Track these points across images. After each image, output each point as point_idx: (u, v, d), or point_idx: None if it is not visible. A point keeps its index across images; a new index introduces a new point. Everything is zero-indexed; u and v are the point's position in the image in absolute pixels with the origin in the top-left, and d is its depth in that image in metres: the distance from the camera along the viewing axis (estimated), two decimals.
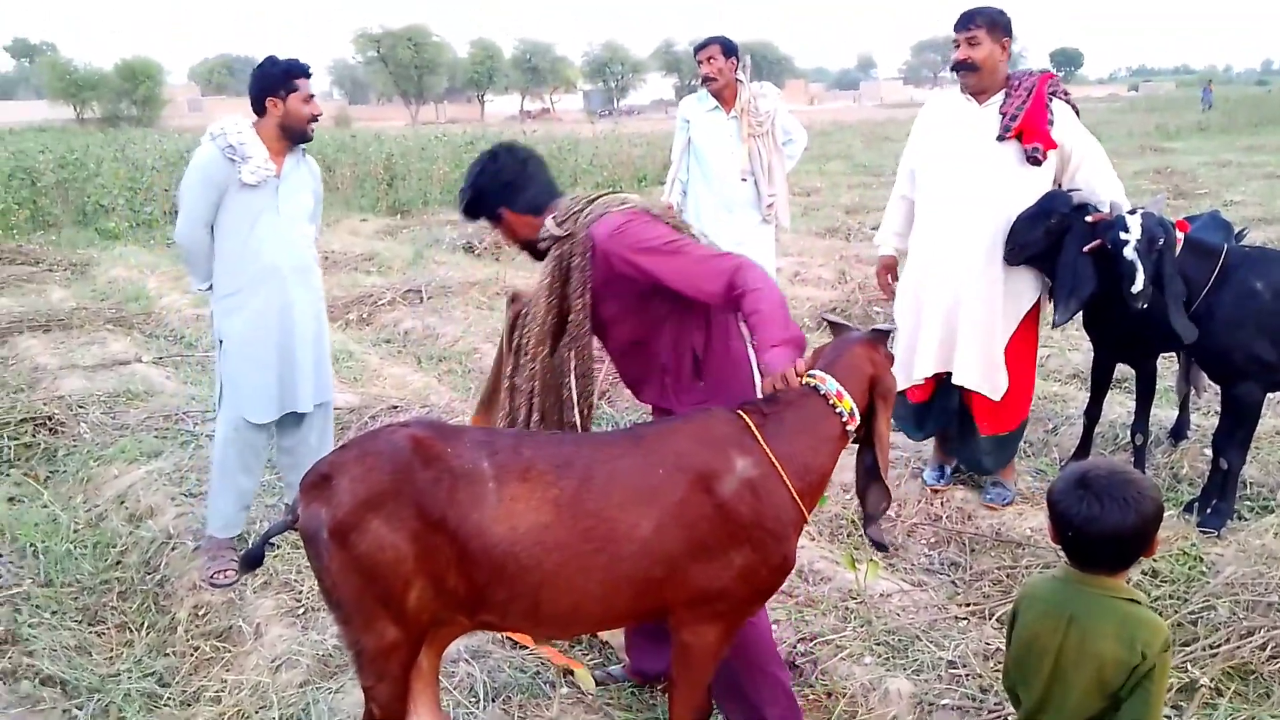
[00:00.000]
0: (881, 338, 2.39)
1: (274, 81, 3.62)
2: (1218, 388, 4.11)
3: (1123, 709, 1.80)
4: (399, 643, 2.06)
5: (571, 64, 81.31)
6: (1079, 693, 1.82)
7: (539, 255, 2.65)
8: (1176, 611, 3.22)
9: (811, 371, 2.31)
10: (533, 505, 2.03)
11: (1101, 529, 1.80)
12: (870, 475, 2.34)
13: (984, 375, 4.03)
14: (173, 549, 3.93)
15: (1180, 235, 3.80)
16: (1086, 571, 1.87)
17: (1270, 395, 4.25)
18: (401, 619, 2.04)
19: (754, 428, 2.19)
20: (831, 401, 2.25)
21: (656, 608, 2.17)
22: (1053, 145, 3.85)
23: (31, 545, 4.04)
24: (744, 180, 5.12)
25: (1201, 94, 36.84)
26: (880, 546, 2.41)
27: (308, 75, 3.68)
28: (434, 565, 2.02)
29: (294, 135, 3.68)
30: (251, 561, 2.27)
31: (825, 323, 2.56)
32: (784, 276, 8.86)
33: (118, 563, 3.96)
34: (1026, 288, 4.01)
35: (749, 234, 5.14)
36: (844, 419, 2.26)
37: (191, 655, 3.31)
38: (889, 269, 4.40)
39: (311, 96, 3.70)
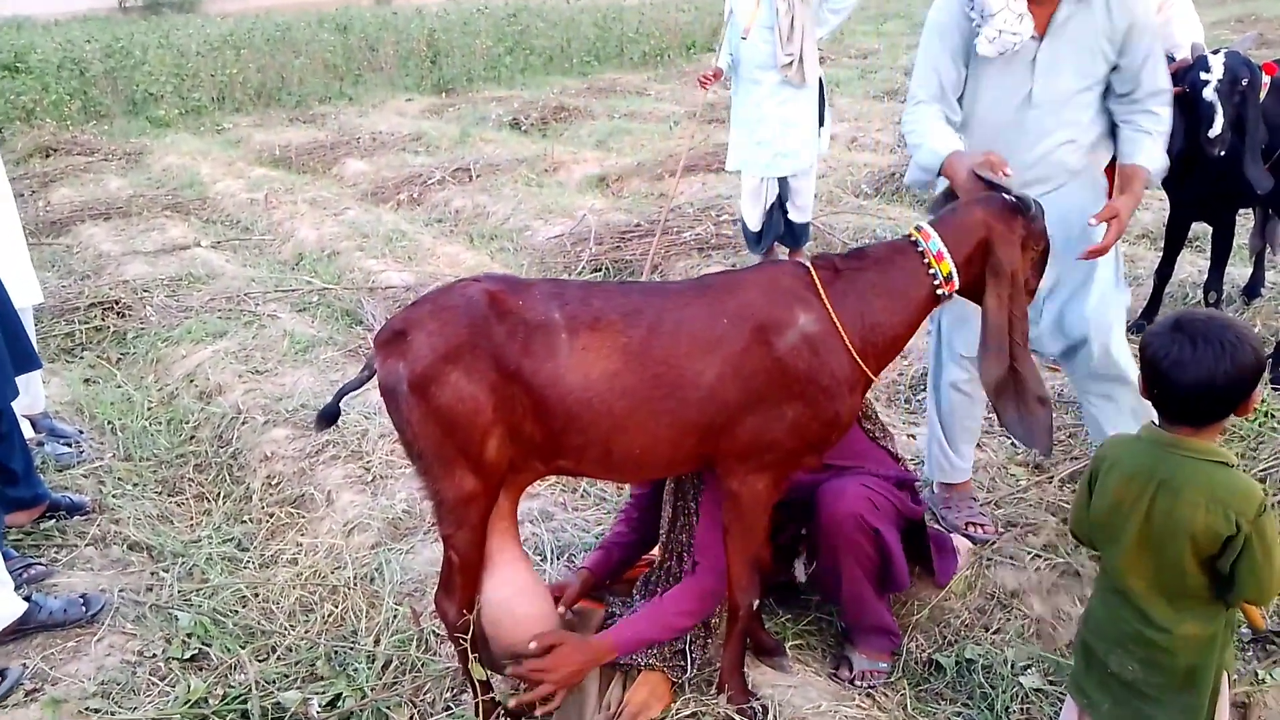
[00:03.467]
0: (1017, 207, 2.20)
1: None
2: None
3: (1233, 583, 1.71)
4: (477, 492, 2.12)
5: None
6: (1172, 560, 1.74)
7: None
8: (1247, 470, 3.16)
9: (917, 224, 2.23)
10: (603, 353, 2.05)
11: (1193, 376, 1.69)
12: (982, 349, 2.22)
13: None
14: (243, 423, 4.05)
15: (1267, 79, 3.58)
16: (1175, 428, 1.77)
17: None
18: (480, 468, 2.09)
19: (819, 283, 2.15)
20: (928, 260, 2.17)
21: (714, 453, 2.19)
22: None
23: (109, 423, 4.21)
24: (745, 39, 5.01)
25: None
26: (1033, 446, 2.31)
27: None
28: (511, 415, 2.06)
29: None
30: (328, 417, 2.33)
31: (977, 179, 2.34)
32: (839, 143, 8.59)
33: (191, 437, 4.10)
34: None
35: (769, 97, 5.05)
36: (936, 282, 2.18)
37: (267, 521, 3.46)
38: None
39: None
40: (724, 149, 5.57)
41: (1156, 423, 1.84)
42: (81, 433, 4.08)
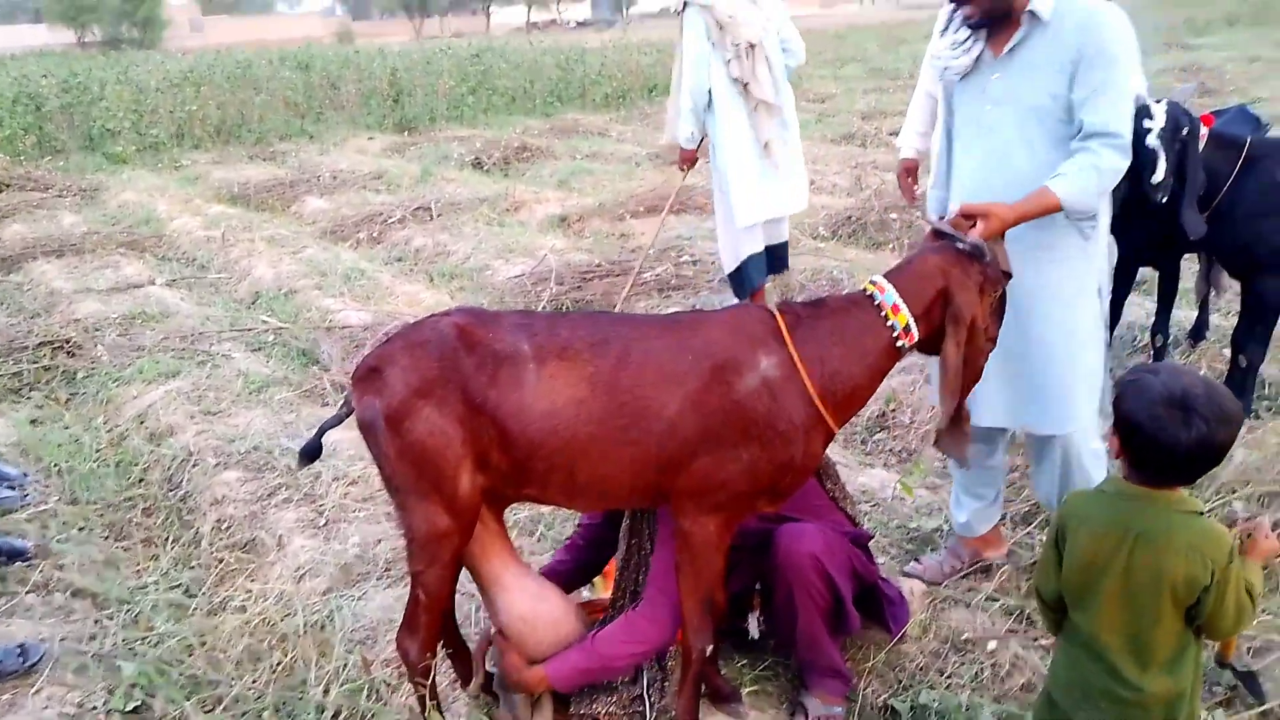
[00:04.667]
0: (972, 254, 2.23)
1: None
2: (1237, 287, 4.04)
3: (1207, 626, 1.76)
4: (450, 530, 2.16)
5: None
6: (1149, 613, 1.75)
7: None
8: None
9: (872, 278, 2.25)
10: (570, 382, 2.09)
11: (1212, 448, 1.71)
12: (941, 389, 2.25)
13: None
14: (194, 465, 3.98)
15: (1205, 129, 3.69)
16: (1155, 486, 1.78)
17: None
18: (453, 505, 2.13)
19: (785, 328, 2.17)
20: (885, 313, 2.20)
21: (669, 489, 2.20)
22: None
23: (56, 465, 4.11)
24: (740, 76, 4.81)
25: None
26: (956, 459, 2.38)
27: None
28: (479, 444, 2.11)
29: None
30: (310, 454, 2.34)
31: (933, 230, 2.38)
32: (804, 181, 8.69)
33: (140, 480, 4.02)
34: None
35: (780, 129, 4.87)
36: (895, 334, 2.20)
37: (216, 567, 3.39)
38: (910, 172, 4.17)
39: None
40: (686, 191, 5.52)
41: (1114, 474, 1.86)
42: (26, 475, 3.98)
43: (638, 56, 18.21)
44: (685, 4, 4.74)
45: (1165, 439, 1.71)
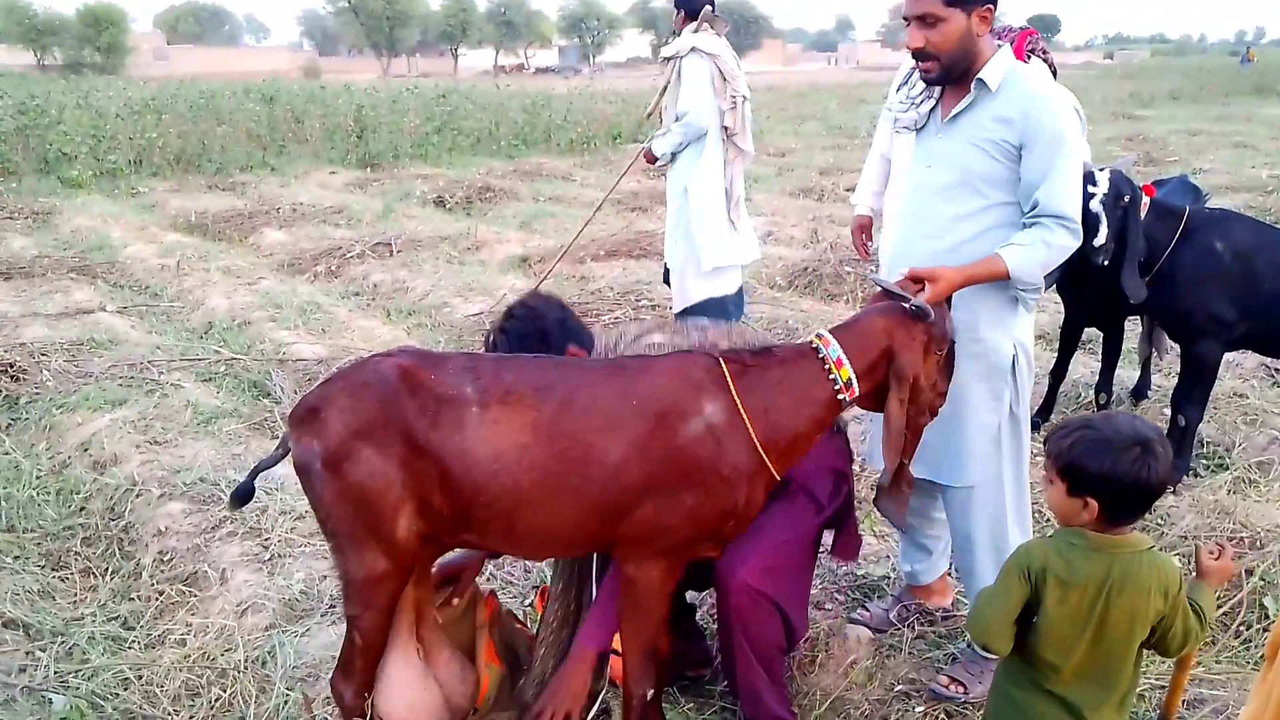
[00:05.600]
0: (917, 314, 2.26)
1: None
2: (1178, 349, 4.18)
3: (1157, 647, 1.89)
4: (388, 573, 2.12)
5: (547, 18, 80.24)
6: (1120, 654, 1.86)
7: None
8: None
9: (819, 332, 2.30)
10: (514, 427, 2.06)
11: (1159, 479, 1.81)
12: (884, 446, 2.29)
13: None
14: (137, 495, 3.90)
15: (1146, 199, 3.84)
16: (1118, 530, 1.86)
17: (1227, 357, 4.34)
18: (391, 549, 2.09)
19: (729, 375, 2.19)
20: (827, 367, 2.23)
21: (612, 536, 2.19)
22: None
23: None
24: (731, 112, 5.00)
25: (1240, 61, 39.35)
26: (894, 523, 2.40)
27: None
28: (420, 488, 2.07)
29: None
30: (242, 496, 2.29)
31: (878, 288, 2.43)
32: (755, 235, 8.85)
33: (81, 509, 3.93)
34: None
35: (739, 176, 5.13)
36: (837, 387, 2.23)
37: (156, 600, 3.31)
38: (864, 229, 4.25)
39: None
40: (647, 236, 5.58)
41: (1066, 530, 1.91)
42: None
43: (603, 105, 18.47)
44: (692, 49, 4.92)
45: (1143, 479, 1.80)
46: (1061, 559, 1.86)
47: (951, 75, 2.54)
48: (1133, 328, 4.95)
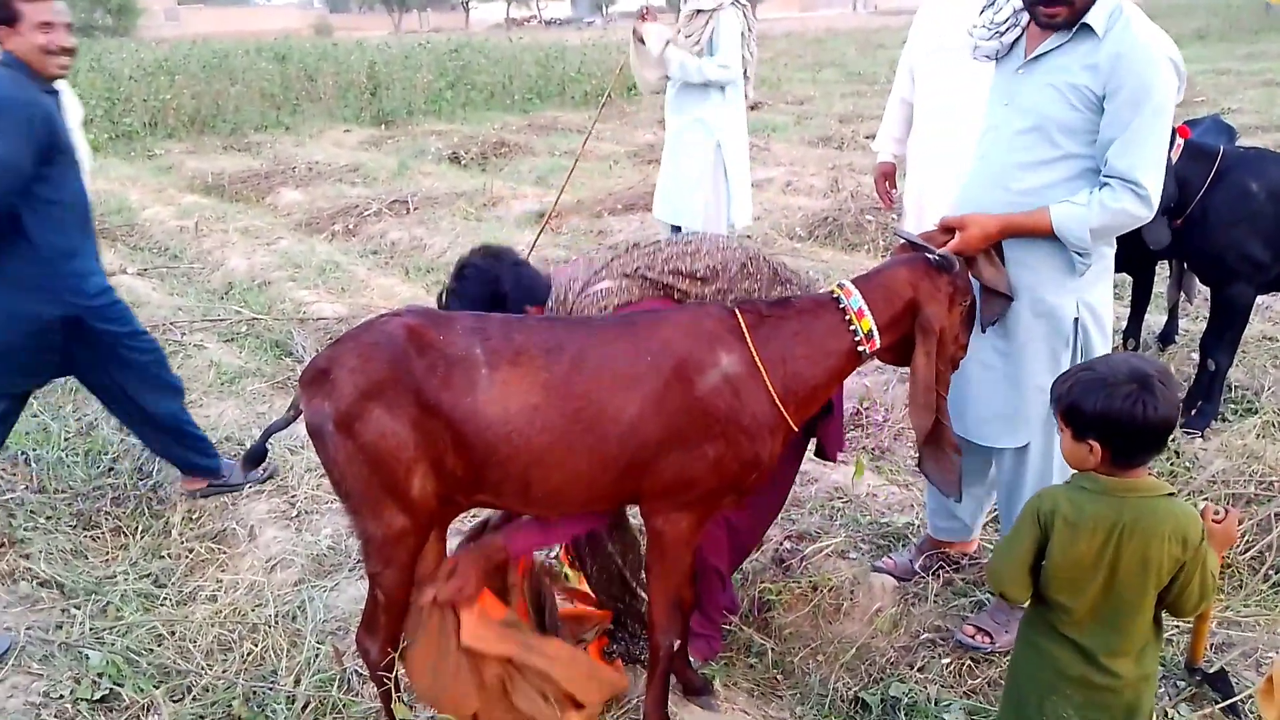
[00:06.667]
0: (941, 266, 2.23)
1: None
2: (1207, 294, 4.11)
3: (1173, 605, 1.84)
4: (406, 530, 2.11)
5: None
6: (1133, 601, 1.82)
7: None
8: None
9: (840, 282, 2.26)
10: (524, 388, 2.05)
11: (1164, 415, 1.77)
12: (911, 402, 2.25)
13: None
14: None
15: (1180, 140, 3.75)
16: (1130, 473, 1.83)
17: (1258, 300, 4.26)
18: (408, 506, 2.09)
19: (745, 326, 2.17)
20: (848, 318, 2.20)
21: (636, 491, 2.20)
22: None
23: (23, 453, 4.05)
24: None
25: (1265, 7, 37.53)
26: (943, 491, 2.34)
27: None
28: (433, 449, 2.06)
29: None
30: (255, 458, 2.32)
31: (902, 240, 2.39)
32: (775, 186, 8.77)
33: (110, 469, 3.97)
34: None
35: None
36: (857, 338, 2.20)
37: (187, 557, 3.35)
38: (887, 176, 4.17)
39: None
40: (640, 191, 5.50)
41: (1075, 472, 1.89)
42: None
43: (617, 56, 18.19)
44: (732, 1, 4.92)
45: (1144, 417, 1.76)
46: (1071, 502, 1.85)
47: (1075, 21, 2.33)
48: (1162, 272, 4.88)
